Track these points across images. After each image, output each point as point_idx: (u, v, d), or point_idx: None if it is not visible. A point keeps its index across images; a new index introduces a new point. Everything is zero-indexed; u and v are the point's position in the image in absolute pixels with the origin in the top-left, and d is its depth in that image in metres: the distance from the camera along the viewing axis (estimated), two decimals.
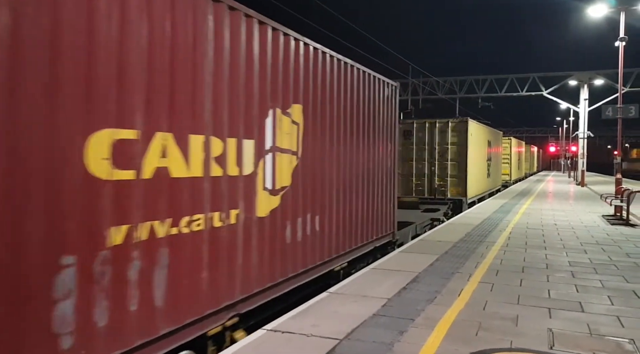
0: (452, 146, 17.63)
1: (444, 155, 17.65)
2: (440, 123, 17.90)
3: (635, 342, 4.58)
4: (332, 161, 7.34)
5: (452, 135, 17.60)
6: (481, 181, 20.97)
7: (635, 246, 9.73)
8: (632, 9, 21.51)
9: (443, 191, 17.60)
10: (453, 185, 17.52)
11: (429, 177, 17.87)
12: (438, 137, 17.76)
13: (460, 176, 17.49)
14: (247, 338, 4.67)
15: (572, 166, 50.19)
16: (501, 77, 43.85)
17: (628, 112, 19.55)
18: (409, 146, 18.07)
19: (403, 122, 18.50)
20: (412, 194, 17.82)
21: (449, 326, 4.96)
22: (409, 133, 18.03)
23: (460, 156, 17.50)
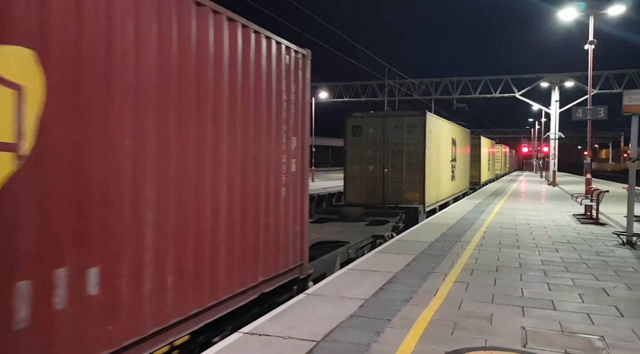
0: (407, 144, 15.40)
1: (399, 155, 15.43)
2: (394, 117, 15.67)
3: (604, 339, 4.69)
4: (139, 164, 4.05)
5: (408, 131, 15.26)
6: (444, 184, 18.88)
7: (604, 245, 9.98)
8: (601, 13, 22.06)
9: (398, 198, 15.41)
10: (410, 190, 15.38)
11: (381, 181, 15.63)
12: (392, 134, 15.47)
13: (418, 179, 15.33)
14: (223, 342, 4.64)
15: (543, 166, 51.18)
16: (475, 79, 44.56)
17: (597, 114, 20.03)
18: (359, 144, 15.81)
19: (351, 115, 16.24)
20: (363, 201, 15.56)
21: (425, 326, 5.01)
22: (357, 129, 15.75)
23: (417, 155, 15.29)
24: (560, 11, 23.03)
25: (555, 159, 37.06)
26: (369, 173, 15.76)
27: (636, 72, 39.39)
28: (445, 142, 19.02)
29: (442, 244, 9.90)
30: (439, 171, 17.67)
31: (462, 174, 23.90)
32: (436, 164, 16.94)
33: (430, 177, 15.94)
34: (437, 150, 17.18)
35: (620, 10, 21.58)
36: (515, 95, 42.48)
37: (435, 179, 16.90)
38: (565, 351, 4.38)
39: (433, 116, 16.59)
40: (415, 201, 15.23)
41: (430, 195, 16.05)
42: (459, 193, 23.13)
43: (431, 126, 15.93)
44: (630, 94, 9.91)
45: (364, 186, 15.83)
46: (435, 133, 16.63)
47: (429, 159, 15.69)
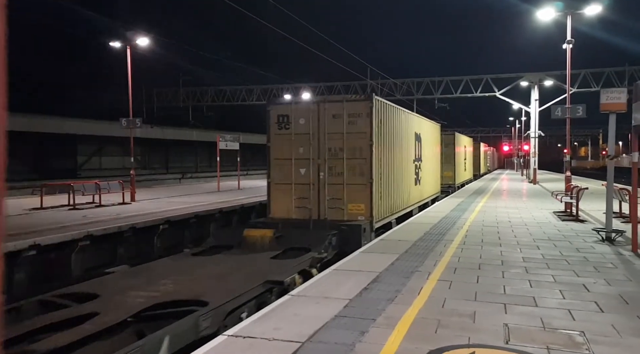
0: (350, 139, 11.72)
1: (339, 154, 11.72)
2: (332, 103, 11.90)
3: (585, 334, 4.77)
4: None
5: (351, 122, 11.66)
6: (405, 190, 15.28)
7: (584, 241, 10.14)
8: (578, 12, 22.40)
9: (337, 211, 11.81)
10: (353, 200, 11.69)
11: (316, 190, 11.97)
12: (329, 125, 11.79)
13: (364, 185, 11.67)
14: (208, 344, 4.62)
15: (524, 164, 51.82)
16: (456, 79, 44.98)
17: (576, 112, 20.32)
18: (286, 139, 12.11)
19: (276, 102, 13.17)
20: (291, 216, 12.06)
21: (409, 325, 5.04)
22: (285, 120, 12.10)
23: (363, 154, 11.65)
24: (539, 11, 23.35)
25: (535, 157, 37.54)
26: (299, 178, 12.00)
27: (613, 71, 40.16)
28: (406, 137, 15.44)
29: (426, 243, 9.96)
30: (396, 174, 14.02)
31: (430, 177, 20.40)
32: (391, 164, 13.35)
33: (382, 182, 12.45)
34: (393, 147, 13.60)
35: (597, 10, 21.94)
36: (496, 94, 42.97)
37: (390, 184, 13.33)
38: (547, 347, 4.44)
39: (384, 102, 12.81)
40: (360, 215, 11.62)
41: (382, 206, 12.49)
42: (427, 199, 19.79)
43: (382, 115, 12.40)
44: (607, 93, 10.07)
45: (293, 196, 12.07)
46: (388, 125, 13.06)
47: (379, 159, 12.15)
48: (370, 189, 11.61)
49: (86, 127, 39.21)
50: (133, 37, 21.96)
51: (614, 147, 10.54)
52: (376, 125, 11.78)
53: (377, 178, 11.92)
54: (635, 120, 8.96)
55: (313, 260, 9.38)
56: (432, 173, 21.10)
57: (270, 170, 12.35)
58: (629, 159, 9.81)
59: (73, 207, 15.97)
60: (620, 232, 10.13)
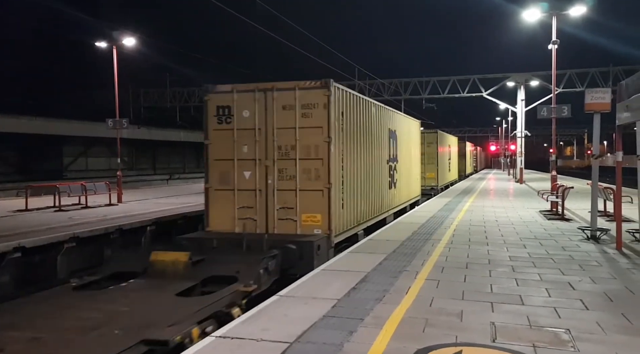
0: (304, 136, 9.80)
1: (290, 153, 9.87)
2: (282, 92, 9.88)
3: (570, 331, 4.82)
4: None
5: (305, 115, 9.78)
6: (375, 195, 13.14)
7: (570, 240, 10.24)
8: (563, 13, 22.64)
9: (288, 224, 9.89)
10: (307, 210, 9.80)
11: (263, 198, 9.98)
12: (279, 118, 9.86)
13: (321, 191, 9.74)
14: (195, 346, 4.60)
15: (511, 164, 52.23)
16: (443, 79, 45.19)
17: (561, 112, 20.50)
18: (227, 136, 10.13)
19: (214, 90, 10.29)
20: (234, 229, 10.05)
21: (397, 324, 5.06)
22: (226, 112, 10.14)
23: (319, 154, 9.74)
24: (525, 12, 23.55)
25: (522, 156, 37.88)
26: (243, 183, 10.08)
27: (598, 71, 40.58)
28: (378, 134, 13.53)
29: (414, 242, 10.01)
30: (365, 177, 12.08)
31: (409, 179, 18.37)
32: (357, 166, 11.44)
33: (345, 187, 10.55)
34: (359, 145, 11.65)
35: (582, 11, 22.18)
36: (483, 94, 43.24)
37: (356, 189, 11.35)
38: (534, 345, 4.48)
39: (348, 92, 10.79)
40: (316, 228, 9.71)
41: (344, 216, 10.50)
42: (405, 203, 17.74)
43: (345, 107, 10.54)
44: (592, 93, 10.19)
45: (236, 205, 10.10)
46: (353, 118, 11.15)
47: (341, 159, 10.26)
48: (329, 196, 9.66)
49: (72, 128, 38.86)
50: (119, 37, 21.80)
51: (598, 146, 10.67)
52: (336, 118, 9.91)
53: (337, 182, 10.01)
54: (619, 119, 9.09)
55: (235, 295, 6.95)
56: (411, 175, 19.12)
57: (208, 173, 10.40)
58: (613, 158, 9.93)
59: (59, 209, 15.80)
60: (605, 231, 10.26)
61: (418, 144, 21.10)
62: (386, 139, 14.53)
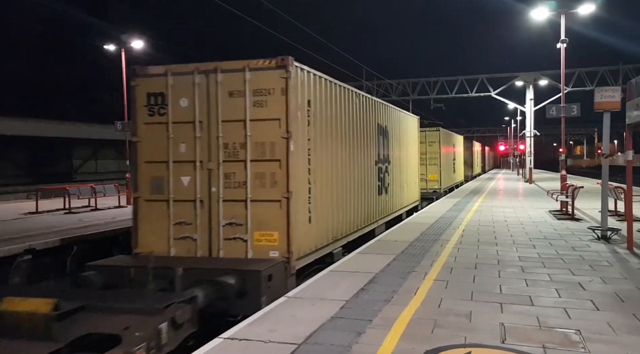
0: (257, 129, 7.61)
1: (239, 153, 7.68)
2: (228, 74, 7.71)
3: (581, 332, 4.78)
4: None
5: (258, 102, 7.58)
6: (358, 204, 10.88)
7: (580, 240, 10.15)
8: (572, 12, 22.49)
9: (236, 244, 7.62)
10: (261, 227, 7.56)
11: (206, 210, 7.77)
12: (226, 108, 7.70)
13: (278, 201, 7.52)
14: (203, 348, 4.60)
15: (520, 163, 51.95)
16: (451, 79, 45.04)
17: (570, 111, 20.36)
18: (161, 130, 7.94)
19: (144, 73, 8.06)
20: (169, 252, 7.79)
21: (406, 325, 5.04)
22: (159, 100, 7.93)
23: (276, 152, 7.54)
24: (533, 11, 23.43)
25: (531, 156, 37.65)
26: (181, 192, 7.85)
27: (608, 70, 40.27)
28: (363, 130, 11.39)
29: (422, 243, 9.97)
30: (343, 182, 9.91)
31: (404, 182, 16.10)
32: (331, 168, 9.25)
33: (315, 195, 8.35)
34: (335, 143, 9.48)
35: (591, 9, 22.02)
36: (491, 94, 43.05)
37: (330, 197, 9.14)
38: (543, 346, 4.44)
39: (316, 75, 8.53)
40: (272, 250, 7.45)
41: (312, 233, 8.24)
42: (401, 210, 15.56)
43: (312, 94, 8.30)
44: (601, 91, 10.09)
45: (172, 221, 7.85)
46: (325, 109, 8.95)
47: (305, 160, 8.04)
48: (287, 208, 7.42)
49: (81, 130, 39.14)
50: (128, 40, 21.93)
51: (608, 145, 10.58)
52: (299, 108, 7.75)
53: (302, 190, 7.84)
54: (630, 118, 9.00)
55: None
56: (408, 178, 16.75)
57: (136, 179, 8.10)
58: (624, 157, 9.84)
59: (69, 211, 15.91)
60: (615, 231, 10.16)
61: (416, 143, 18.84)
62: (374, 136, 12.43)
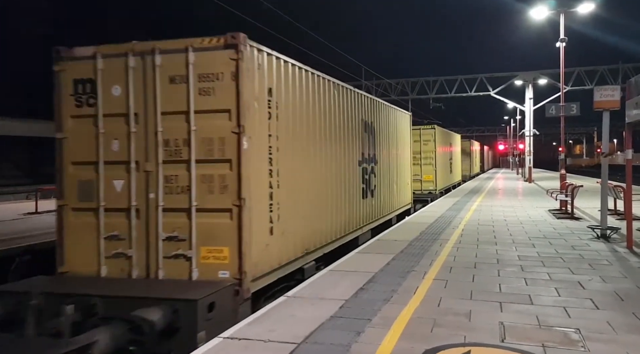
0: (203, 122, 6.28)
1: (181, 152, 6.36)
2: (169, 55, 6.36)
3: (580, 331, 4.77)
4: None
5: (204, 90, 6.27)
6: (337, 210, 9.54)
7: (579, 239, 10.16)
8: (571, 11, 22.50)
9: (178, 263, 6.25)
10: (210, 241, 6.22)
11: (142, 219, 6.41)
12: (166, 96, 6.37)
13: (228, 210, 6.18)
14: (203, 347, 4.60)
15: (519, 163, 51.95)
16: (451, 78, 45.03)
17: (570, 110, 20.41)
18: (89, 124, 6.64)
19: (71, 55, 6.66)
20: (99, 269, 6.43)
21: (405, 325, 5.03)
22: (87, 88, 6.63)
23: (226, 150, 6.22)
24: (532, 9, 23.45)
25: (530, 155, 37.67)
26: (113, 198, 6.52)
27: (607, 69, 40.27)
28: (344, 126, 10.08)
29: (421, 242, 9.96)
30: (318, 185, 8.64)
31: (394, 184, 14.77)
32: (301, 170, 7.89)
33: (279, 202, 7.04)
34: (307, 140, 8.19)
35: (590, 7, 22.04)
36: (490, 93, 43.05)
37: (301, 203, 7.83)
38: (543, 345, 4.44)
39: (279, 58, 7.19)
40: (222, 269, 6.14)
41: (275, 247, 6.91)
42: (389, 215, 14.12)
43: (273, 81, 6.98)
44: (600, 90, 10.10)
45: (102, 234, 6.52)
46: (293, 101, 7.64)
47: (265, 160, 6.77)
48: (239, 218, 6.06)
49: None
50: None
51: (608, 144, 10.58)
52: (254, 96, 6.37)
53: (261, 195, 6.53)
54: (629, 117, 9.00)
55: None
56: (399, 179, 15.35)
57: (62, 183, 6.80)
58: (623, 156, 9.85)
59: None
60: (615, 230, 10.17)
61: (408, 142, 17.40)
62: (358, 133, 11.04)
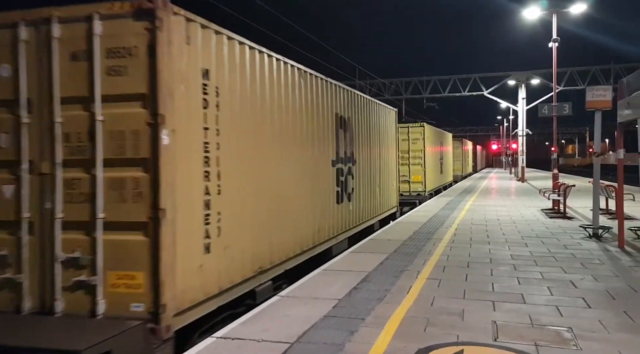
0: (111, 111, 4.80)
1: (85, 149, 4.84)
2: (69, 24, 4.87)
3: (573, 330, 4.80)
4: None
5: (112, 69, 4.78)
6: (303, 218, 8.13)
7: (571, 238, 10.21)
8: (564, 11, 22.61)
9: (81, 292, 4.71)
10: (120, 264, 4.70)
11: (36, 235, 4.89)
12: (66, 78, 4.86)
13: (142, 225, 4.67)
14: (196, 347, 4.58)
15: (513, 162, 52.16)
16: (444, 78, 45.15)
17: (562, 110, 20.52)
18: None
19: None
20: None
21: (398, 324, 5.04)
22: None
23: (140, 147, 4.73)
24: (525, 10, 23.54)
25: (523, 155, 37.82)
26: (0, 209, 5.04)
27: (599, 69, 40.51)
28: (313, 121, 8.70)
29: (415, 242, 9.98)
30: (276, 189, 7.17)
31: (377, 186, 13.25)
32: (255, 173, 6.51)
33: (223, 214, 5.61)
34: (260, 136, 6.72)
35: (582, 8, 22.16)
36: (484, 93, 43.20)
37: (255, 214, 6.47)
38: (535, 344, 4.46)
39: (218, 32, 5.71)
40: (135, 302, 4.65)
41: (210, 270, 5.33)
42: (371, 221, 12.50)
43: (211, 60, 5.56)
44: (592, 90, 10.16)
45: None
46: (242, 88, 6.25)
47: (192, 161, 5.18)
48: (156, 235, 4.68)
49: None
50: None
51: (600, 144, 10.64)
52: (181, 78, 5.02)
53: (190, 205, 5.09)
54: (621, 117, 9.06)
55: None
56: (382, 181, 13.84)
57: None
58: (615, 156, 9.91)
59: None
60: (606, 229, 10.22)
61: (394, 140, 15.78)
62: (331, 129, 9.62)
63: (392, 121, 15.53)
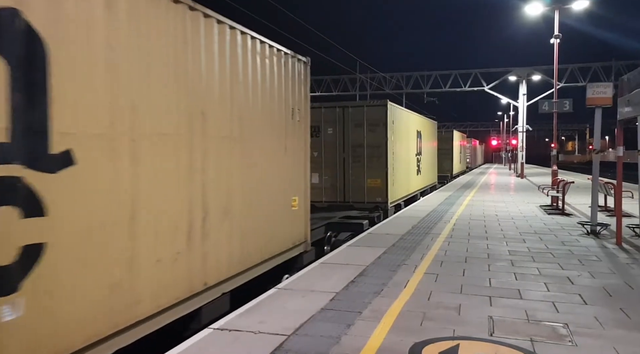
0: None
1: None
2: None
3: (569, 326, 4.81)
4: None
5: None
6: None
7: (569, 235, 10.22)
8: (566, 7, 22.53)
9: None
10: None
11: None
12: None
13: None
14: (193, 338, 4.59)
15: (512, 158, 52.16)
16: (445, 73, 45.08)
17: (563, 107, 20.49)
18: None
19: None
20: None
21: (395, 318, 5.05)
22: None
23: None
24: (527, 6, 23.47)
25: (523, 151, 37.82)
26: None
27: (600, 66, 40.46)
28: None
29: (413, 236, 10.00)
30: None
31: (270, 206, 7.26)
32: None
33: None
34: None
35: (584, 4, 22.09)
36: (485, 88, 43.16)
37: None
38: (531, 339, 4.47)
39: None
40: None
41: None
42: (258, 266, 6.89)
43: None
44: (593, 87, 10.14)
45: None
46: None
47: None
48: None
49: None
50: None
51: (599, 141, 10.63)
52: None
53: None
54: (621, 114, 9.05)
55: None
56: (276, 197, 7.45)
57: None
58: (615, 153, 9.90)
59: None
60: (605, 226, 10.24)
61: (308, 126, 8.59)
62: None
63: (303, 88, 8.29)
